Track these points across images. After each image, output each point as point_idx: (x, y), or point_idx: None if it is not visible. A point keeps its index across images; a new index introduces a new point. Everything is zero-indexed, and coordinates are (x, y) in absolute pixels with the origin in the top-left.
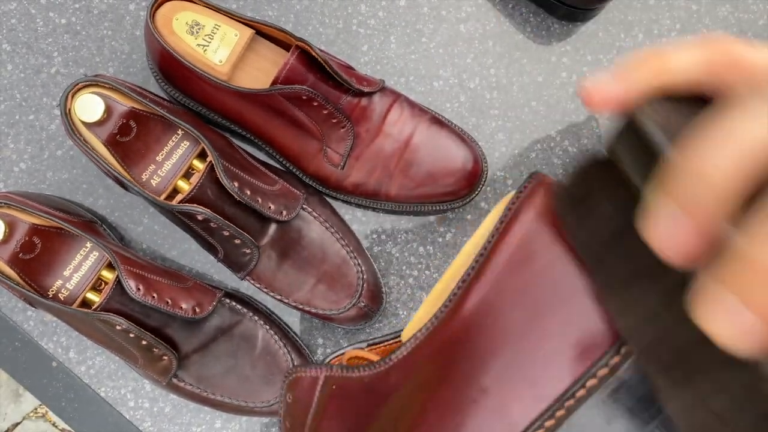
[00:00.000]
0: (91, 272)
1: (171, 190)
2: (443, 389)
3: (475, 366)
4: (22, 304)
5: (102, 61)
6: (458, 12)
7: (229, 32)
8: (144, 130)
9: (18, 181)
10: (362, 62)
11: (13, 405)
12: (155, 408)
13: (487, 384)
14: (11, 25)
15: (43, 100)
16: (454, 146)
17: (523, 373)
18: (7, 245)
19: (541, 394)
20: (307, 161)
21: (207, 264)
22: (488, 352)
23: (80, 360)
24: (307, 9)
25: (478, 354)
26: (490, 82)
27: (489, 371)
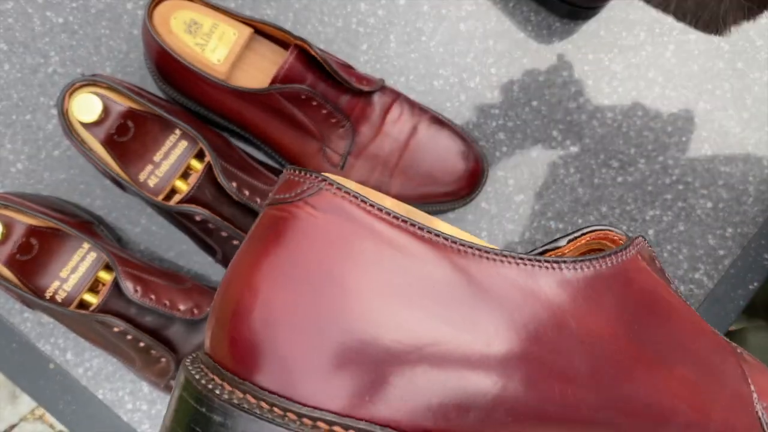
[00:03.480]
0: (89, 273)
1: (169, 191)
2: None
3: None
4: (19, 306)
5: (99, 60)
6: (458, 10)
7: (228, 31)
8: (142, 130)
9: (15, 181)
10: (362, 61)
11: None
12: (153, 410)
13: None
14: (8, 25)
15: (40, 99)
16: (454, 146)
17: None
18: (4, 246)
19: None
20: (306, 161)
21: (205, 265)
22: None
23: (78, 362)
24: (306, 8)
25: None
26: (490, 81)
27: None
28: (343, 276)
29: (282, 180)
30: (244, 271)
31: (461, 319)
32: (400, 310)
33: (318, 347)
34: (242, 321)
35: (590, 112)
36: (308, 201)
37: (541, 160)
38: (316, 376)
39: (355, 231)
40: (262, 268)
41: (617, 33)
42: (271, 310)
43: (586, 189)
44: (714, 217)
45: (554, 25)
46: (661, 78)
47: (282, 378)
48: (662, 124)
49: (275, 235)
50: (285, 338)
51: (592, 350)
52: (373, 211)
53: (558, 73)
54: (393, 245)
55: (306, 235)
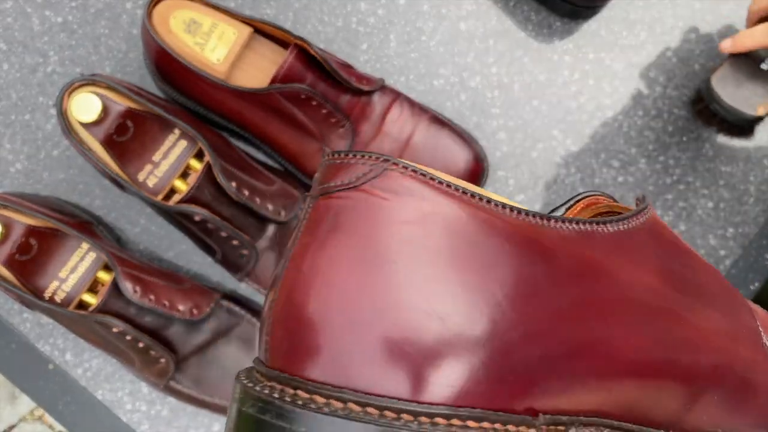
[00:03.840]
0: (88, 274)
1: (168, 191)
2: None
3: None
4: (18, 306)
5: (99, 60)
6: (459, 10)
7: (227, 30)
8: (141, 129)
9: (14, 181)
10: (362, 61)
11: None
12: (152, 411)
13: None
14: (7, 24)
15: (39, 99)
16: (454, 146)
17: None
18: (3, 246)
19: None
20: (306, 161)
21: (205, 265)
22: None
23: (77, 362)
24: (306, 7)
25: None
26: (491, 81)
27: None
28: (419, 260)
29: (327, 167)
30: (309, 271)
31: (534, 295)
32: (475, 287)
33: (408, 339)
34: (320, 325)
35: (591, 111)
36: (375, 184)
37: (541, 160)
38: (378, 365)
39: (428, 211)
40: (334, 264)
41: (618, 32)
42: (350, 307)
43: (587, 188)
44: (715, 217)
45: (555, 25)
46: (662, 77)
47: (344, 371)
48: (663, 123)
49: (339, 225)
50: (374, 329)
51: (641, 301)
52: (442, 187)
53: (559, 73)
54: (467, 220)
55: (379, 221)
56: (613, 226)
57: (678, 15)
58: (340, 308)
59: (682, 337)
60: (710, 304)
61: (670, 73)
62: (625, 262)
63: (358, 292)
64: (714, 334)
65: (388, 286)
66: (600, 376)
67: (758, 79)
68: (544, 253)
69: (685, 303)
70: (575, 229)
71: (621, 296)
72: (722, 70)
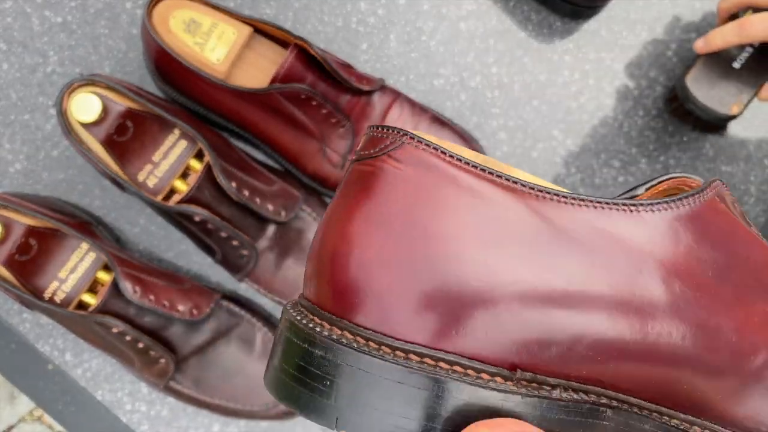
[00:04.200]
0: (88, 274)
1: (168, 191)
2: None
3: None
4: (18, 306)
5: (98, 60)
6: (459, 10)
7: (227, 30)
8: (141, 129)
9: (13, 181)
10: (362, 61)
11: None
12: (152, 411)
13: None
14: (6, 24)
15: (38, 99)
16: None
17: None
18: (3, 247)
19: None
20: (306, 161)
21: (204, 265)
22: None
23: (77, 363)
24: (305, 7)
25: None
26: (491, 81)
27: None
28: (427, 222)
29: (366, 137)
30: (339, 223)
31: (541, 259)
32: (481, 251)
33: (407, 287)
34: (338, 266)
35: (591, 111)
36: (392, 155)
37: (542, 160)
38: (406, 313)
39: (437, 180)
40: (355, 219)
41: (618, 32)
42: (364, 256)
43: (588, 189)
44: None
45: (555, 25)
46: (663, 77)
47: (375, 315)
48: (664, 123)
49: (364, 188)
50: (377, 280)
51: (672, 288)
52: (453, 161)
53: (559, 73)
54: (473, 192)
55: (392, 187)
56: (647, 209)
57: (678, 15)
58: (378, 263)
59: (713, 329)
60: (763, 299)
61: (670, 73)
62: (656, 247)
63: (383, 250)
64: (759, 331)
65: (405, 246)
66: (600, 355)
67: (731, 77)
68: (552, 227)
69: (725, 295)
70: (596, 209)
71: (646, 279)
72: (696, 70)
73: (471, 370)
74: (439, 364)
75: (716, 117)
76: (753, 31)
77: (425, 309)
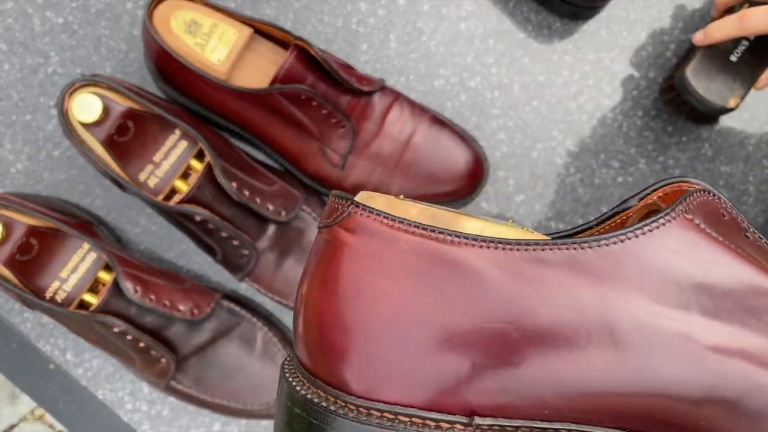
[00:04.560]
0: (89, 274)
1: (169, 191)
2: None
3: None
4: (19, 306)
5: (99, 60)
6: (459, 10)
7: (228, 31)
8: (141, 130)
9: (15, 181)
10: (362, 61)
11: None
12: (153, 411)
13: None
14: (8, 25)
15: (40, 100)
16: (454, 146)
17: None
18: (4, 246)
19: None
20: (306, 161)
21: (205, 265)
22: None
23: (78, 362)
24: (306, 7)
25: None
26: (491, 81)
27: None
28: (373, 286)
29: (327, 207)
30: (304, 289)
31: (488, 309)
32: (424, 309)
33: (360, 348)
34: (306, 328)
35: (591, 112)
36: (342, 224)
37: (541, 160)
38: (361, 372)
39: (380, 245)
40: (314, 287)
41: (618, 33)
42: (323, 321)
43: (587, 189)
44: None
45: (555, 25)
46: (662, 78)
47: (336, 375)
48: (663, 124)
49: (322, 257)
50: (335, 342)
51: (639, 320)
52: (395, 224)
53: (558, 73)
54: (416, 252)
55: (342, 255)
56: (599, 244)
57: (678, 15)
58: (336, 328)
59: (687, 354)
60: (741, 321)
61: (669, 74)
62: (616, 283)
63: (342, 316)
64: (736, 354)
65: (356, 312)
66: (559, 397)
67: (729, 71)
68: (478, 274)
69: (698, 323)
70: (524, 256)
71: (610, 314)
72: (696, 62)
73: (429, 420)
74: (398, 417)
75: (713, 109)
76: (752, 23)
77: (378, 367)
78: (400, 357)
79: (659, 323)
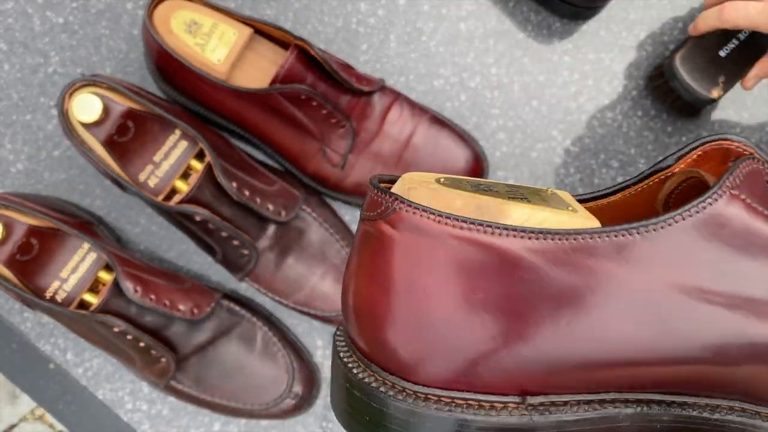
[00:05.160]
0: (89, 274)
1: (169, 191)
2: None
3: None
4: (19, 306)
5: (99, 60)
6: (459, 10)
7: (228, 31)
8: (142, 130)
9: (15, 181)
10: (362, 61)
11: (9, 407)
12: (153, 410)
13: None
14: (8, 25)
15: (40, 99)
16: (454, 146)
17: None
18: (4, 246)
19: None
20: (306, 161)
21: (205, 265)
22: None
23: (78, 362)
24: (306, 7)
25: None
26: (490, 81)
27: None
28: (423, 281)
29: (368, 198)
30: (356, 284)
31: (542, 301)
32: (472, 303)
33: (414, 341)
34: (360, 322)
35: (590, 112)
36: (387, 220)
37: (541, 160)
38: (420, 363)
39: (428, 242)
40: (367, 281)
41: (617, 33)
42: (378, 315)
43: (587, 189)
44: None
45: (554, 25)
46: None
47: (397, 366)
48: (662, 124)
49: (370, 250)
50: (390, 335)
51: (677, 300)
52: (441, 220)
53: (558, 73)
54: (464, 247)
55: (391, 251)
56: (655, 228)
57: (677, 16)
58: (389, 322)
59: (724, 338)
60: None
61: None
62: (664, 267)
63: (390, 307)
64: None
65: (405, 305)
66: (605, 372)
67: (717, 64)
68: (529, 266)
69: (740, 299)
70: (572, 246)
71: (611, 307)
72: (685, 50)
73: (484, 402)
74: (454, 401)
75: (696, 98)
76: (731, 17)
77: (433, 356)
78: (454, 347)
79: (707, 301)
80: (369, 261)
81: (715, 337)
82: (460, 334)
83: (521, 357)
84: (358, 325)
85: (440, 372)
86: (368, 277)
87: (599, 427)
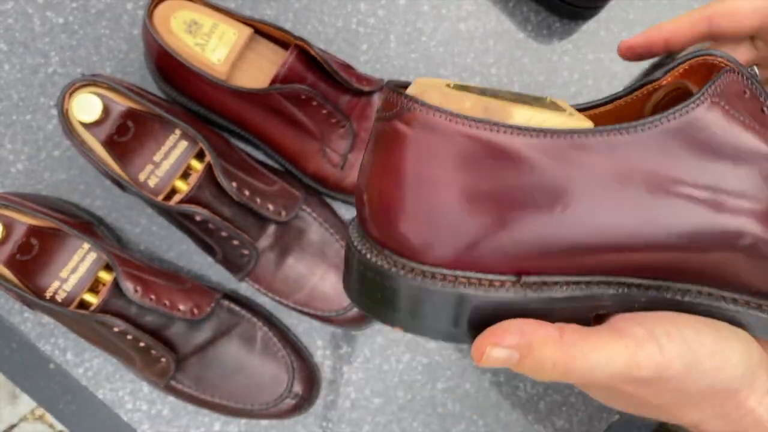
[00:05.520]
0: (89, 274)
1: (169, 191)
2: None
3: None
4: (19, 306)
5: (99, 60)
6: (458, 10)
7: (228, 31)
8: (142, 130)
9: (15, 181)
10: (362, 61)
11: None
12: (153, 410)
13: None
14: (8, 25)
15: (40, 100)
16: None
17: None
18: (4, 246)
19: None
20: (306, 161)
21: (205, 265)
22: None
23: (78, 362)
24: (306, 8)
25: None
26: (490, 81)
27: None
28: (433, 174)
29: (383, 98)
30: (369, 178)
31: (539, 191)
32: (478, 192)
33: (423, 228)
34: (365, 208)
35: None
36: (402, 119)
37: None
38: (427, 247)
39: (439, 139)
40: (380, 175)
41: (617, 33)
42: (388, 203)
43: None
44: None
45: (554, 25)
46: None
47: (408, 250)
48: None
49: (384, 146)
50: (402, 224)
51: (658, 193)
52: (452, 119)
53: (558, 74)
54: (471, 144)
55: (403, 147)
56: (643, 128)
57: (677, 15)
58: (402, 213)
59: (698, 228)
60: (744, 195)
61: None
62: (647, 163)
63: (403, 199)
64: (746, 216)
65: (418, 197)
66: (597, 255)
67: None
68: (528, 160)
69: (712, 196)
70: (569, 142)
71: (599, 194)
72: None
73: (484, 280)
74: (458, 279)
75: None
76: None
77: (441, 240)
78: (459, 231)
79: (685, 194)
80: (383, 156)
81: (691, 226)
82: (465, 220)
83: (518, 240)
84: (372, 215)
85: (446, 254)
86: (382, 171)
87: (585, 305)
